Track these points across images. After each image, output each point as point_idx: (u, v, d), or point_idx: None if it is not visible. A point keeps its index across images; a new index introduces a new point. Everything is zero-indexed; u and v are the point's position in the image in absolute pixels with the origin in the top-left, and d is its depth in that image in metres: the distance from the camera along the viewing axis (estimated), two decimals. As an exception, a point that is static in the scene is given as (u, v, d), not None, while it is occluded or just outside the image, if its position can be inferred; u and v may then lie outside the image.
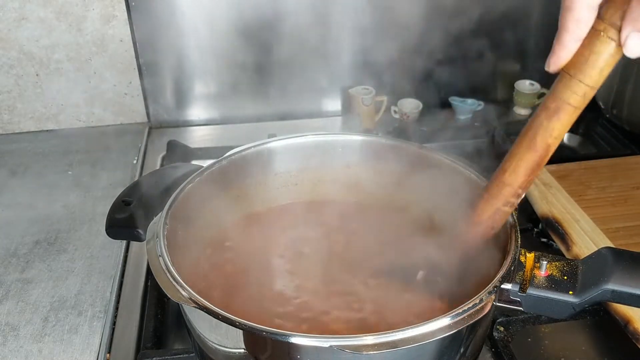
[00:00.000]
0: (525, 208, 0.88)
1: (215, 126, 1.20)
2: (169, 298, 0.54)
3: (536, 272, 0.56)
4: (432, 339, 0.49)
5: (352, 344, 0.48)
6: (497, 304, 0.55)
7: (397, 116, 1.17)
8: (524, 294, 0.54)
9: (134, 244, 0.88)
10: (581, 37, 0.44)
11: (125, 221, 0.65)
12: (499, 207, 0.54)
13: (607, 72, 0.45)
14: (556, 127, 0.48)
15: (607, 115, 1.13)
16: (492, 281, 0.54)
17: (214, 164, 0.72)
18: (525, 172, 0.51)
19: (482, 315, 0.52)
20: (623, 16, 0.41)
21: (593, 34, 0.44)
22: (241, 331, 0.51)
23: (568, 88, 0.46)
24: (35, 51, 1.10)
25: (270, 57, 1.14)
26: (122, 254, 0.86)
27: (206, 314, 0.51)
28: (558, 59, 0.46)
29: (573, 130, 1.14)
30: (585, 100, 0.47)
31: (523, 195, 0.53)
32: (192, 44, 1.12)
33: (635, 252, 0.55)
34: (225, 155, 0.74)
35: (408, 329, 0.49)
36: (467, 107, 1.18)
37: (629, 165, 0.96)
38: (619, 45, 0.43)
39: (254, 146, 0.75)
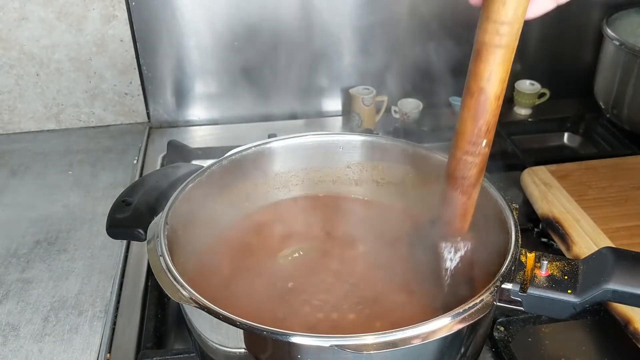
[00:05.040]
0: (525, 208, 0.88)
1: (215, 126, 1.20)
2: (170, 298, 0.54)
3: (537, 272, 0.56)
4: (432, 338, 0.50)
5: (352, 343, 0.48)
6: (498, 303, 0.55)
7: (397, 116, 1.17)
8: (524, 294, 0.54)
9: (135, 244, 0.88)
10: None
11: (125, 221, 0.65)
12: (460, 157, 0.55)
13: (513, 4, 0.46)
14: (480, 68, 0.49)
15: (608, 115, 1.13)
16: (492, 281, 0.54)
17: (214, 164, 0.72)
18: (470, 119, 0.52)
19: (482, 315, 0.52)
20: None
21: None
22: (242, 331, 0.51)
23: (481, 27, 0.48)
24: (36, 51, 1.10)
25: (270, 57, 1.14)
26: (123, 254, 0.86)
27: (207, 314, 0.51)
28: None
29: (573, 130, 1.14)
30: (501, 37, 0.47)
31: (483, 144, 0.53)
32: (192, 44, 1.12)
33: (636, 252, 0.55)
34: (225, 155, 0.74)
35: (408, 328, 0.49)
36: (467, 107, 1.18)
37: (629, 165, 0.96)
38: None
39: (254, 146, 0.75)
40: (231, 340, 0.53)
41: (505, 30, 0.47)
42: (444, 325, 0.50)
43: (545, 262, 0.56)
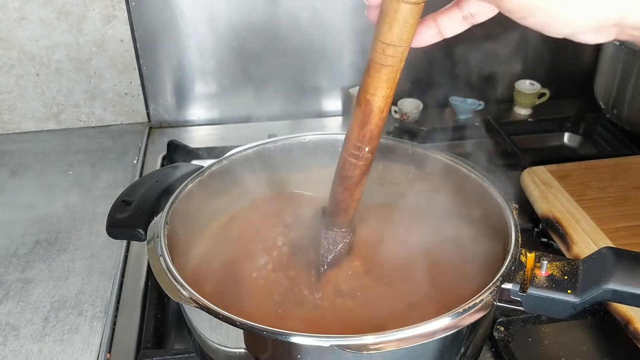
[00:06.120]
0: (525, 208, 0.88)
1: (215, 126, 1.20)
2: (170, 298, 0.54)
3: (537, 272, 0.56)
4: (432, 338, 0.49)
5: (353, 343, 0.48)
6: (498, 303, 0.55)
7: (397, 116, 1.17)
8: (524, 294, 0.54)
9: (135, 244, 0.88)
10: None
11: (125, 221, 0.65)
12: (346, 158, 0.58)
13: (398, 29, 0.48)
14: (368, 82, 0.52)
15: (608, 115, 1.13)
16: (492, 281, 0.54)
17: (214, 164, 0.72)
18: (357, 126, 0.55)
19: (482, 315, 0.52)
20: None
21: None
22: (242, 331, 0.51)
23: (372, 45, 0.51)
24: (36, 51, 1.10)
25: (270, 57, 1.14)
26: (123, 254, 0.86)
27: (207, 314, 0.51)
28: (369, 15, 0.50)
29: (573, 130, 1.15)
30: (386, 57, 0.50)
31: (366, 150, 0.56)
32: (192, 44, 1.12)
33: (636, 252, 0.55)
34: (225, 155, 0.74)
35: (408, 328, 0.49)
36: (467, 107, 1.18)
37: (629, 165, 0.96)
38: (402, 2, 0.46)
39: (254, 146, 0.75)
40: (231, 340, 0.53)
41: (391, 51, 0.49)
42: (444, 325, 0.50)
43: (545, 262, 0.56)
